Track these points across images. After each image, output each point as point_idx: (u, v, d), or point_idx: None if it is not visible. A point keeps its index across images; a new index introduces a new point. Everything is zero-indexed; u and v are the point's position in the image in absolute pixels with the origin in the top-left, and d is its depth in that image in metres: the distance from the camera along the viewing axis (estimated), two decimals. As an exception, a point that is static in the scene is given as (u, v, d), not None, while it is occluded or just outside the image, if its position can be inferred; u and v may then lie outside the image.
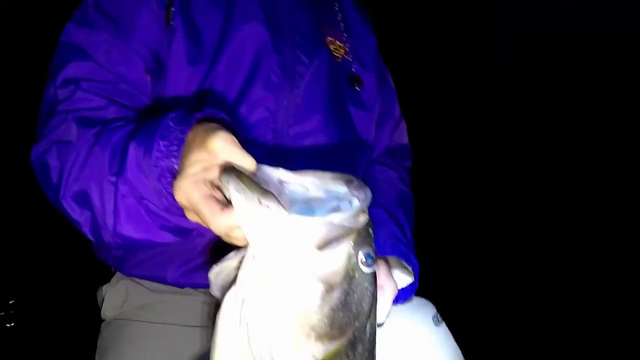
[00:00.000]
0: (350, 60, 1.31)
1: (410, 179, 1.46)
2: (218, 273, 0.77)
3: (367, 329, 0.77)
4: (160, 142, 0.85)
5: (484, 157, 3.65)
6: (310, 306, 0.71)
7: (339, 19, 1.33)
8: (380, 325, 1.16)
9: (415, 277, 1.24)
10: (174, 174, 0.83)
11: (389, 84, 1.48)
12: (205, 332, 1.13)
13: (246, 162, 0.76)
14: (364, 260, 0.74)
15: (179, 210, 0.85)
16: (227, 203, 0.75)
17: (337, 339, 0.72)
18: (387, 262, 1.20)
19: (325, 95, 1.23)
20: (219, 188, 0.77)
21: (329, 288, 0.71)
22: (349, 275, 0.73)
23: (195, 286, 1.15)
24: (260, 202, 0.69)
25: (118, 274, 1.25)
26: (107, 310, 1.24)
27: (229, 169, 0.74)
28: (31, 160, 1.04)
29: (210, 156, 0.77)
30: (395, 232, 1.25)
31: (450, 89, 3.89)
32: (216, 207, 0.75)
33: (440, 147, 3.13)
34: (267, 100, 1.15)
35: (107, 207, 0.93)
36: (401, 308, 1.26)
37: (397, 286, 1.17)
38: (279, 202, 0.69)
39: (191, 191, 0.78)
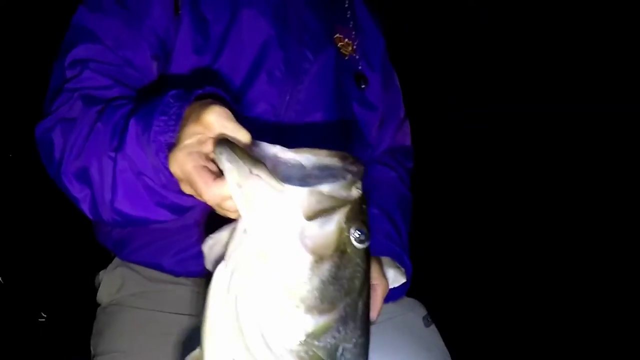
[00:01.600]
0: (358, 58, 1.32)
1: (410, 180, 1.47)
2: (212, 246, 0.78)
3: (359, 306, 0.77)
4: (160, 118, 0.86)
5: (478, 161, 3.64)
6: (299, 277, 0.71)
7: (349, 16, 1.34)
8: (372, 323, 1.18)
9: (407, 278, 1.26)
10: (171, 149, 0.84)
11: (394, 84, 1.49)
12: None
13: (240, 134, 0.78)
14: (356, 235, 0.74)
15: (177, 187, 0.86)
16: (220, 174, 0.76)
17: (327, 313, 0.73)
18: (379, 261, 1.21)
19: (330, 92, 1.25)
20: (214, 162, 0.78)
21: (319, 259, 0.71)
22: (340, 249, 0.73)
23: (191, 274, 1.17)
24: (251, 171, 0.70)
25: (116, 260, 1.27)
26: (103, 296, 1.27)
27: (222, 141, 0.75)
28: (35, 136, 1.05)
29: (205, 129, 0.79)
30: (391, 232, 1.27)
31: (452, 86, 3.89)
32: (209, 177, 0.76)
33: (434, 150, 3.10)
34: (270, 94, 1.17)
35: (105, 181, 0.94)
36: (392, 308, 1.28)
37: (388, 285, 1.19)
38: (270, 171, 0.70)
39: (185, 162, 0.79)
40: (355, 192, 0.74)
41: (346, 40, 1.31)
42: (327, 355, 0.74)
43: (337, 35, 1.29)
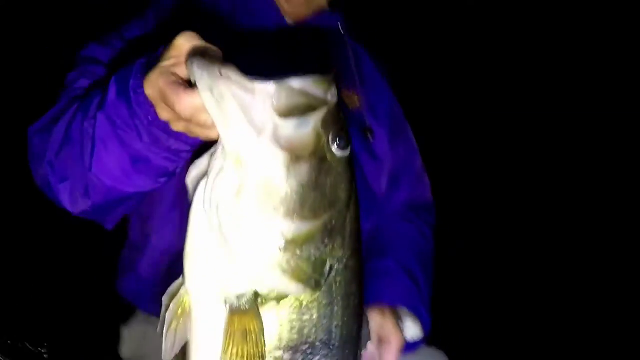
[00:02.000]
0: (364, 111, 1.33)
1: (432, 234, 1.45)
2: (195, 177, 0.77)
3: (348, 222, 0.75)
4: (139, 71, 0.87)
5: (494, 201, 3.58)
6: (275, 176, 0.70)
7: (354, 69, 1.36)
8: None
9: (425, 330, 1.24)
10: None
11: (407, 137, 1.50)
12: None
13: (211, 49, 0.79)
14: (335, 141, 0.73)
15: (156, 141, 0.87)
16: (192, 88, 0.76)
17: (309, 220, 0.71)
18: (395, 313, 1.20)
19: None
20: (189, 84, 0.78)
21: (295, 159, 0.70)
22: (320, 153, 0.72)
23: None
24: (220, 73, 0.70)
25: (138, 314, 1.28)
26: (126, 350, 1.28)
27: (194, 53, 0.77)
28: (28, 136, 1.10)
29: (177, 52, 0.81)
30: (408, 285, 1.27)
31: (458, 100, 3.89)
32: (181, 89, 0.77)
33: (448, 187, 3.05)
34: None
35: (85, 149, 0.96)
36: (413, 358, 1.26)
37: (403, 337, 1.17)
38: (239, 71, 0.70)
39: (158, 80, 0.81)
40: (331, 97, 0.72)
41: (352, 93, 1.32)
42: (313, 270, 0.72)
43: (343, 89, 1.31)
